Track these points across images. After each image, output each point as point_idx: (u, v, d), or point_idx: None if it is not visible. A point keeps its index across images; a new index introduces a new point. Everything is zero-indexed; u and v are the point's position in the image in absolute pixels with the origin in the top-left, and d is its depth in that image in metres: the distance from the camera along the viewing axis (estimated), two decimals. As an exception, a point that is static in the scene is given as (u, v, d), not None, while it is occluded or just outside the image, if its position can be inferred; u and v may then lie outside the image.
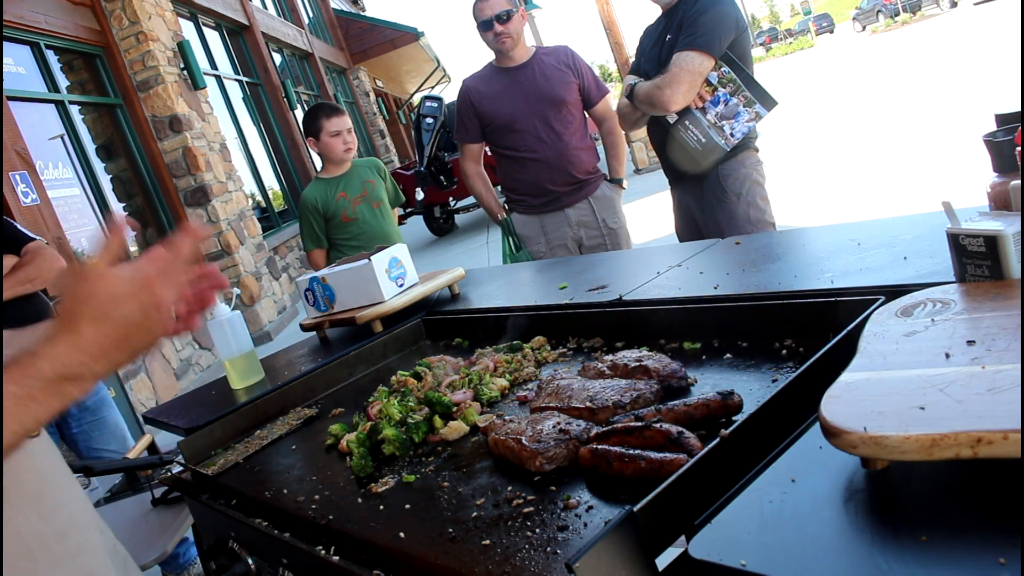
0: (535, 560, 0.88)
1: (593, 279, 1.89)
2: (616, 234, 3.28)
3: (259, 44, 12.29)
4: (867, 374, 0.82)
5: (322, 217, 3.34)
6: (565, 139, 3.16)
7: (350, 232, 3.36)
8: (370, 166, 3.50)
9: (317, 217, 3.34)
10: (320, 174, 3.47)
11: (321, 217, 3.34)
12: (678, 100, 2.58)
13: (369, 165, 3.51)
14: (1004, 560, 0.59)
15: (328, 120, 3.29)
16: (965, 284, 0.99)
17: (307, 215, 3.36)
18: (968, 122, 7.07)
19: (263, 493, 1.33)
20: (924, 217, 1.54)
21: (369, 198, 3.39)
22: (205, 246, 7.82)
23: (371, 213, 3.38)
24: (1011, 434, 0.64)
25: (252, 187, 10.48)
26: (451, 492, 1.11)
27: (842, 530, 0.70)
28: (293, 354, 2.22)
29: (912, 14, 32.91)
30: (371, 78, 21.49)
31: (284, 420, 1.71)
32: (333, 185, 3.36)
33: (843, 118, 10.67)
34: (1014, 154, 1.05)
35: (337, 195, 3.34)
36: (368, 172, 3.45)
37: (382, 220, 3.41)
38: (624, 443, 0.99)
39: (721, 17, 2.54)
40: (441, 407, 1.36)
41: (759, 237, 1.91)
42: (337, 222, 3.34)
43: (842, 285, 1.29)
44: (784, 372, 1.15)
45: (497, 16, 3.07)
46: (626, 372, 1.26)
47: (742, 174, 2.70)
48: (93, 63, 7.54)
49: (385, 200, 3.46)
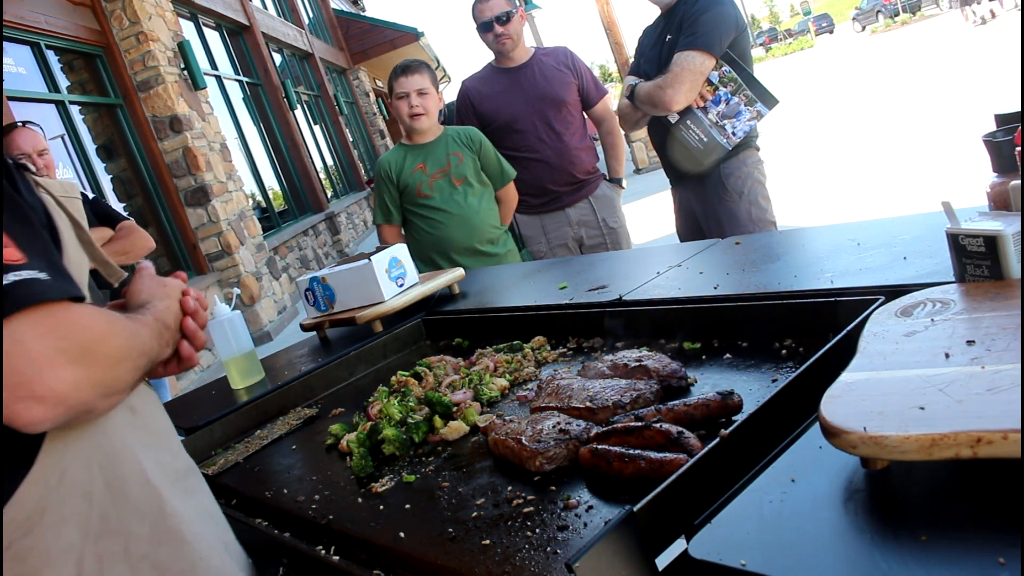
0: (535, 560, 0.88)
1: (593, 279, 1.89)
2: (616, 233, 3.29)
3: (259, 44, 12.30)
4: (867, 374, 0.82)
5: (396, 188, 2.90)
6: (565, 139, 3.16)
7: (426, 212, 2.90)
8: (462, 136, 2.94)
9: (390, 186, 2.91)
10: (404, 139, 3.00)
11: (395, 187, 2.90)
12: (680, 100, 2.58)
13: (462, 135, 2.94)
14: (1004, 560, 0.59)
15: (396, 80, 2.87)
16: (965, 284, 0.99)
17: (380, 183, 2.94)
18: (968, 122, 7.06)
19: (263, 493, 1.33)
20: (924, 217, 1.54)
21: (451, 174, 2.87)
22: (205, 247, 7.83)
23: (451, 192, 2.87)
24: (1011, 434, 0.64)
25: (252, 187, 10.48)
26: (451, 492, 1.11)
27: (842, 530, 0.70)
28: (293, 354, 2.22)
29: (912, 14, 32.92)
30: (371, 78, 21.49)
31: (284, 420, 1.71)
32: (413, 154, 2.90)
33: (843, 118, 10.67)
34: (1014, 154, 1.05)
35: (415, 166, 2.87)
36: (456, 144, 2.90)
37: (465, 203, 2.87)
38: (624, 443, 0.99)
39: (721, 17, 2.55)
40: (441, 407, 1.36)
41: (759, 237, 1.91)
42: (411, 197, 2.89)
43: (842, 285, 1.29)
44: (784, 372, 1.16)
45: (497, 17, 3.07)
46: (626, 372, 1.26)
47: (744, 173, 2.70)
48: (93, 63, 7.54)
49: (474, 179, 2.90)
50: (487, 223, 2.91)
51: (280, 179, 11.99)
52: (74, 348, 0.79)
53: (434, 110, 2.89)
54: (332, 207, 12.96)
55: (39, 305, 0.77)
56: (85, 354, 0.80)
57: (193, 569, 0.97)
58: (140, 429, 0.98)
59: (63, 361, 0.77)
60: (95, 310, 0.86)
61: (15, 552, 0.84)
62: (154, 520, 0.95)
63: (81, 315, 0.82)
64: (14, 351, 0.75)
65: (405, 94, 2.84)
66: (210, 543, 1.02)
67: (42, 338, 0.76)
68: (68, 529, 0.87)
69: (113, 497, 0.91)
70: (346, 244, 12.79)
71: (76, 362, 0.79)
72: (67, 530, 0.87)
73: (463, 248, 2.86)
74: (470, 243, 2.87)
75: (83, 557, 0.88)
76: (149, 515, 0.94)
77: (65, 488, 0.87)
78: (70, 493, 0.87)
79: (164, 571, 0.94)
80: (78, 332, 0.80)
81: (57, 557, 0.86)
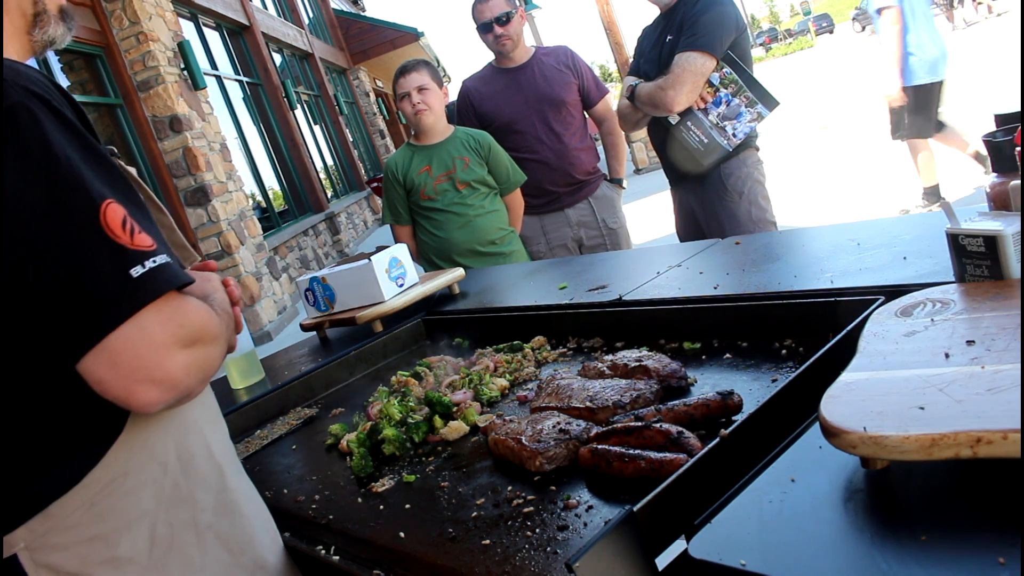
0: (535, 560, 0.88)
1: (593, 279, 1.89)
2: (616, 234, 3.29)
3: (259, 44, 12.29)
4: (867, 374, 0.82)
5: (403, 188, 2.88)
6: (565, 140, 3.16)
7: (429, 214, 2.88)
8: (471, 140, 2.88)
9: (398, 187, 2.89)
10: (412, 139, 2.97)
11: (402, 188, 2.88)
12: (681, 101, 2.58)
13: (471, 139, 2.89)
14: (1004, 560, 0.59)
15: (397, 83, 2.86)
16: (965, 284, 0.99)
17: (388, 183, 2.93)
18: (968, 122, 7.07)
19: (263, 493, 1.32)
20: (924, 217, 1.54)
21: (455, 178, 2.83)
22: (205, 247, 7.83)
23: (455, 196, 2.83)
24: (1011, 434, 0.64)
25: (252, 187, 10.47)
26: (451, 492, 1.11)
27: (842, 530, 0.70)
28: (293, 354, 2.22)
29: (912, 14, 32.83)
30: (371, 78, 21.49)
31: (284, 420, 1.71)
32: (420, 155, 2.88)
33: (843, 118, 10.67)
34: (1014, 154, 1.05)
35: (421, 167, 2.85)
36: (464, 148, 2.86)
37: (468, 207, 2.84)
38: (624, 443, 0.99)
39: (721, 17, 2.55)
40: (441, 407, 1.36)
41: (759, 237, 1.91)
42: (416, 198, 2.87)
43: (842, 285, 1.29)
44: (784, 372, 1.16)
45: (496, 19, 3.07)
46: (626, 372, 1.26)
47: (744, 173, 2.70)
48: (93, 63, 7.54)
49: (479, 183, 2.86)
50: (490, 226, 2.89)
51: (280, 179, 11.99)
52: (189, 336, 0.84)
53: (437, 105, 2.86)
54: (332, 207, 12.96)
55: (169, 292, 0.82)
56: (196, 341, 0.86)
57: (250, 542, 1.04)
58: (204, 407, 1.04)
59: (179, 348, 0.83)
60: (196, 299, 0.90)
61: (98, 511, 0.88)
62: (217, 492, 1.00)
63: (191, 302, 0.87)
64: (139, 336, 0.79)
65: (406, 93, 2.84)
66: (262, 520, 1.09)
67: (163, 325, 0.81)
68: (145, 494, 0.92)
69: (183, 468, 0.97)
70: (346, 244, 12.79)
71: (189, 348, 0.84)
72: (145, 495, 0.92)
73: (465, 251, 2.87)
74: (471, 246, 2.87)
75: (156, 523, 0.93)
76: (213, 487, 1.00)
77: (146, 455, 0.92)
78: (149, 460, 0.93)
79: (227, 541, 1.00)
80: (191, 319, 0.85)
81: (135, 520, 0.91)
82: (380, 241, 9.20)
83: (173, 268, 0.83)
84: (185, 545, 0.95)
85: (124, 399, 0.81)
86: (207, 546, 0.98)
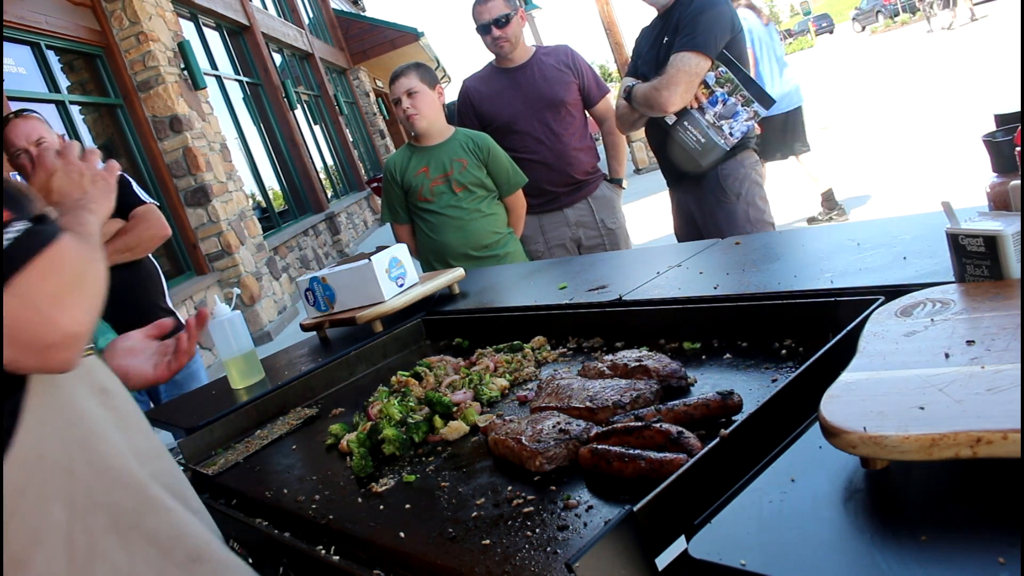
0: (535, 560, 0.88)
1: (593, 279, 1.89)
2: (615, 234, 3.29)
3: (259, 44, 12.29)
4: (867, 374, 0.82)
5: (401, 188, 2.90)
6: (564, 140, 3.16)
7: (426, 215, 2.89)
8: (470, 142, 2.87)
9: (396, 187, 2.91)
10: (411, 140, 2.97)
11: (400, 188, 2.90)
12: (676, 101, 2.59)
13: (470, 141, 2.88)
14: (1004, 560, 0.59)
15: (390, 89, 2.89)
16: (965, 284, 0.99)
17: (387, 183, 2.95)
18: (968, 122, 7.06)
19: (263, 493, 1.33)
20: (924, 217, 1.54)
21: (452, 180, 2.82)
22: (205, 247, 7.83)
23: (451, 199, 2.83)
24: (1010, 434, 0.64)
25: (252, 187, 10.48)
26: (451, 492, 1.11)
27: (842, 530, 0.70)
28: (293, 354, 2.22)
29: (912, 14, 32.90)
30: (371, 78, 21.49)
31: (284, 420, 1.71)
32: (418, 156, 2.89)
33: (843, 118, 10.67)
34: (1013, 154, 1.05)
35: (419, 168, 2.85)
36: (463, 150, 2.85)
37: (463, 209, 2.84)
38: (624, 443, 0.99)
39: (717, 18, 2.55)
40: (441, 407, 1.36)
41: (759, 237, 1.91)
42: (414, 199, 2.89)
43: (842, 285, 1.29)
44: (784, 372, 1.16)
45: (495, 20, 3.07)
46: (626, 372, 1.26)
47: (741, 174, 2.70)
48: (93, 63, 7.54)
49: (476, 186, 2.84)
50: (485, 230, 2.87)
51: (280, 179, 11.99)
52: (70, 282, 0.84)
53: (427, 109, 2.83)
54: (332, 207, 12.96)
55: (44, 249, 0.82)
56: (78, 282, 0.86)
57: (180, 536, 1.00)
58: (112, 410, 1.01)
59: (64, 298, 0.83)
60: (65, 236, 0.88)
61: (4, 536, 0.85)
62: (137, 491, 0.97)
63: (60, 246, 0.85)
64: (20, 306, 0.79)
65: (397, 99, 2.85)
66: (192, 509, 1.06)
67: (40, 285, 0.81)
68: (54, 507, 0.89)
69: (97, 473, 0.93)
70: (346, 244, 12.79)
71: (73, 292, 0.84)
72: (53, 508, 0.89)
73: (458, 254, 2.87)
74: (464, 249, 2.86)
75: (72, 533, 0.90)
76: (133, 487, 0.97)
77: (46, 467, 0.89)
78: (51, 472, 0.89)
79: (154, 539, 0.97)
80: (66, 265, 0.85)
81: (46, 535, 0.88)
82: (380, 241, 9.19)
83: (33, 231, 0.83)
84: (108, 551, 0.92)
85: (44, 369, 0.82)
86: (134, 548, 0.94)
